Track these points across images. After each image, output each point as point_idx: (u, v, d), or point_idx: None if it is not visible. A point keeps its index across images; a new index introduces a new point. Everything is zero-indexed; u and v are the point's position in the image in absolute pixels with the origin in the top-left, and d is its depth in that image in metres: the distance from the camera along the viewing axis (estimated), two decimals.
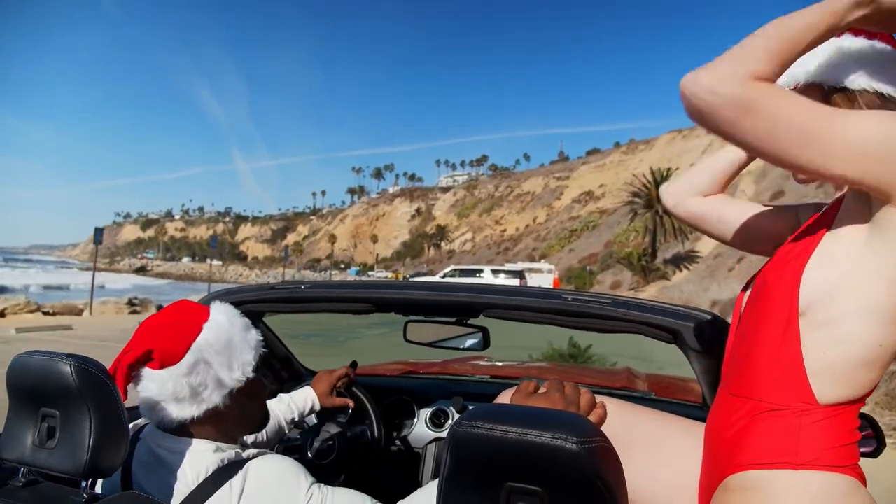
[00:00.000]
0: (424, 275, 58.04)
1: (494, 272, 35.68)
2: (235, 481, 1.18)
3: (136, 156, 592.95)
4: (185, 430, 1.28)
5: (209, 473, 1.20)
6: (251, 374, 1.34)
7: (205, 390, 1.27)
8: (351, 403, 1.98)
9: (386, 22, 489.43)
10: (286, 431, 1.88)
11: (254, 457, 1.25)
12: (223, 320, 1.35)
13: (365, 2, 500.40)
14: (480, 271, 35.83)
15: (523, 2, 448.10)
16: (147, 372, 1.27)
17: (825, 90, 1.10)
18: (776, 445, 1.03)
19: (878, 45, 1.08)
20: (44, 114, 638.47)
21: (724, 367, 1.23)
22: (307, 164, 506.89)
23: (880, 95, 1.06)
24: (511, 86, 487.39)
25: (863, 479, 1.03)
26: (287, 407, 1.87)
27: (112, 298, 21.95)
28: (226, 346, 1.31)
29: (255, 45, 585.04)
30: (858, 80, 1.07)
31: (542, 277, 44.22)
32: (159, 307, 18.92)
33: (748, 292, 1.22)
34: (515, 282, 32.22)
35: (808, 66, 1.11)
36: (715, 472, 1.14)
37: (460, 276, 34.15)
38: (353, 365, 2.08)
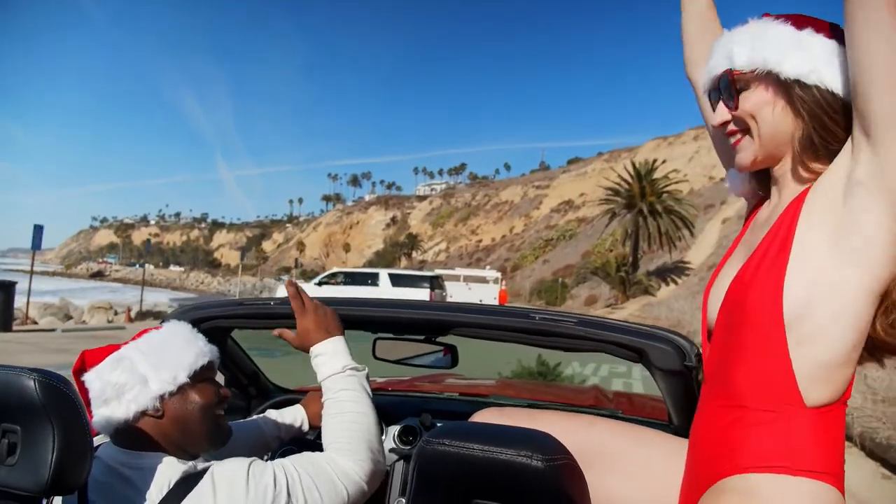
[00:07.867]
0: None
1: (394, 278, 24.44)
2: (204, 486, 1.18)
3: (118, 161, 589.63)
4: (136, 443, 1.27)
5: (172, 485, 1.19)
6: (185, 380, 1.31)
7: (130, 390, 1.26)
8: None
9: (370, 35, 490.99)
10: (270, 449, 1.85)
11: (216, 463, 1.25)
12: (165, 329, 1.36)
13: (349, 16, 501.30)
14: (374, 276, 24.82)
15: (507, 19, 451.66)
16: (84, 377, 1.30)
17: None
18: (771, 449, 1.06)
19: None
20: (24, 116, 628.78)
21: (706, 374, 1.24)
22: (290, 173, 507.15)
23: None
24: (494, 99, 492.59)
25: (843, 492, 1.06)
26: (274, 425, 1.82)
27: None
28: (156, 347, 1.31)
29: (240, 55, 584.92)
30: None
31: (486, 289, 33.91)
32: None
33: (711, 299, 1.25)
34: (424, 294, 23.11)
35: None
36: (704, 476, 1.15)
37: (345, 285, 23.98)
38: None
